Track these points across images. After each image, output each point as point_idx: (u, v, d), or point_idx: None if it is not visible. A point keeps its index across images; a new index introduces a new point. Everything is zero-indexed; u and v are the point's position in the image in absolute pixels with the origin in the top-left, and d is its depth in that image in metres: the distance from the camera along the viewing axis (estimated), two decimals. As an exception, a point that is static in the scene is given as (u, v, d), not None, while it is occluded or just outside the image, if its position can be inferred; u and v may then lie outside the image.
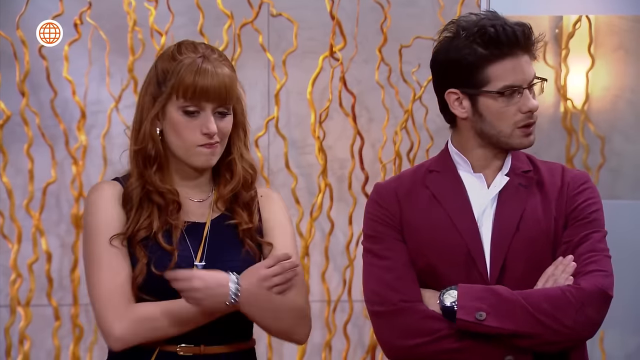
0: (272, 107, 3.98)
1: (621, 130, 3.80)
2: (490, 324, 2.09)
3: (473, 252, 2.17)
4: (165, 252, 2.15)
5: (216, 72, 2.16)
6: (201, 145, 2.17)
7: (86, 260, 2.17)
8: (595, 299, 2.10)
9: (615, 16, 3.77)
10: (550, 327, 2.08)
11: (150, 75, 2.21)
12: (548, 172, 2.23)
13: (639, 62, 3.81)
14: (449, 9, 3.90)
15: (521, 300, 2.09)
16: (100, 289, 2.12)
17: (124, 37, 3.88)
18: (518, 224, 2.17)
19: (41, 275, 3.89)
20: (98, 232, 2.14)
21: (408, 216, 2.23)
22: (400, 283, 2.18)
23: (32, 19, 3.81)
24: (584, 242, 2.15)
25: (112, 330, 2.10)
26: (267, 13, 3.94)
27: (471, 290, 2.12)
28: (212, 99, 2.16)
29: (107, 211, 2.16)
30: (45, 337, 3.95)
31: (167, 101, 2.17)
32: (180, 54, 2.18)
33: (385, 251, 2.22)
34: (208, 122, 2.16)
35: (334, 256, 4.01)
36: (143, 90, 2.22)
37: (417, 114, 3.92)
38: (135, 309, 2.12)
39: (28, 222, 3.87)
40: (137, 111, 2.21)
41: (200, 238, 2.19)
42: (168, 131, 2.19)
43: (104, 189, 2.19)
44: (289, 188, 3.94)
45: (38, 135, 3.87)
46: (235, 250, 2.21)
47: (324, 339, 3.97)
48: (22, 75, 3.83)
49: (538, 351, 2.11)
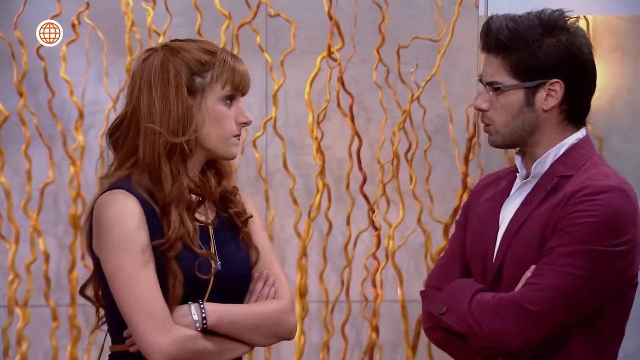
0: (270, 107, 3.98)
1: (619, 130, 3.80)
2: (446, 319, 2.16)
3: (488, 248, 2.22)
4: (196, 258, 2.12)
5: (244, 63, 2.21)
6: (236, 135, 2.18)
7: (117, 275, 2.09)
8: (509, 309, 2.08)
9: (613, 16, 3.77)
10: (473, 330, 2.11)
11: (170, 66, 2.14)
12: (579, 179, 2.17)
13: (636, 63, 3.81)
14: (447, 9, 3.90)
15: (467, 301, 2.13)
16: (144, 303, 2.07)
17: (121, 38, 3.88)
18: (519, 227, 2.17)
19: (39, 275, 3.88)
20: (129, 245, 2.08)
21: (474, 205, 2.32)
22: (439, 268, 2.31)
23: (30, 19, 3.81)
24: (547, 254, 2.11)
25: (163, 345, 2.06)
26: (265, 13, 3.94)
27: (456, 285, 2.20)
28: (246, 89, 2.20)
29: (134, 223, 2.09)
30: (43, 337, 3.95)
31: (208, 92, 2.15)
32: (207, 45, 2.18)
33: (452, 236, 2.37)
34: (244, 111, 2.19)
35: (332, 256, 4.01)
36: (160, 81, 2.13)
37: (415, 115, 3.92)
38: (179, 327, 2.10)
39: (26, 223, 3.87)
40: (160, 103, 2.11)
41: (207, 239, 2.18)
42: (205, 122, 2.15)
43: (123, 202, 2.10)
44: (287, 188, 3.94)
45: (36, 136, 3.87)
46: (240, 251, 2.21)
47: (321, 339, 3.97)
48: (19, 76, 3.83)
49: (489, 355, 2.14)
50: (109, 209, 2.10)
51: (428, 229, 3.92)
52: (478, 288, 2.17)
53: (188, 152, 2.12)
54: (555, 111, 2.19)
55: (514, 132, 2.19)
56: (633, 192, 2.15)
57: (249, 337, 2.16)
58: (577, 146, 2.21)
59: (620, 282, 2.14)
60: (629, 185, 2.15)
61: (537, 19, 2.16)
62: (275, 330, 2.19)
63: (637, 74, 3.80)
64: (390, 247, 3.92)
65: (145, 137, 2.12)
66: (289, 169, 3.93)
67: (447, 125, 3.98)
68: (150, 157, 2.12)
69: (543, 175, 2.20)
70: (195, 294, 2.12)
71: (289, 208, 3.97)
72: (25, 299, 3.85)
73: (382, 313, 3.95)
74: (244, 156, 3.98)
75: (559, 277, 2.08)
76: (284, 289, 2.22)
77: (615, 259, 2.10)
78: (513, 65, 2.17)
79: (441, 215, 3.95)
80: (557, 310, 2.08)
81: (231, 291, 2.18)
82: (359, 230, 3.95)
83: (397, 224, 3.93)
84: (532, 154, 2.22)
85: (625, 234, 2.10)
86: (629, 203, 2.12)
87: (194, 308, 2.10)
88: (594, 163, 2.19)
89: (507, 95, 2.18)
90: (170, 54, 2.15)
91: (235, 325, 2.13)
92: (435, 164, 3.96)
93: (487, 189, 2.33)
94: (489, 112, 2.21)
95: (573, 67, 2.17)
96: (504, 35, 2.16)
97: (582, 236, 2.09)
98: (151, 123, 2.11)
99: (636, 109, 3.78)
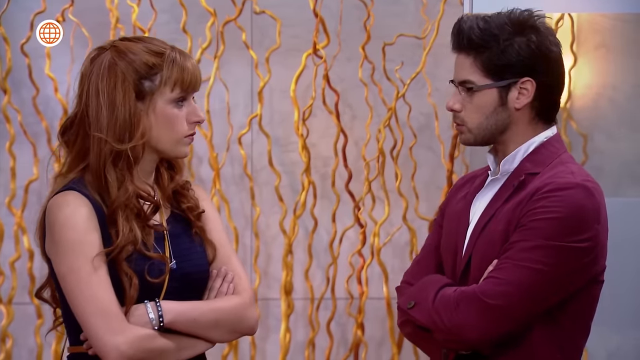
0: (256, 104, 3.97)
1: (603, 128, 3.82)
2: (413, 313, 2.18)
3: (458, 244, 2.24)
4: (150, 260, 2.11)
5: (192, 60, 2.17)
6: (188, 135, 2.16)
7: (69, 276, 2.07)
8: (468, 301, 2.10)
9: (598, 14, 3.78)
10: (436, 324, 2.13)
11: (117, 69, 2.11)
12: (544, 176, 2.18)
13: (621, 60, 3.82)
14: (432, 7, 3.91)
15: (432, 295, 2.16)
16: (97, 304, 2.05)
17: (106, 35, 3.86)
18: (486, 224, 2.19)
19: (23, 273, 3.87)
20: (81, 248, 2.07)
21: (450, 203, 2.35)
22: (414, 264, 2.34)
23: (14, 17, 3.80)
24: (508, 250, 2.12)
25: (118, 345, 2.04)
26: (251, 10, 3.93)
27: (425, 280, 2.23)
28: (198, 85, 2.17)
29: (86, 226, 2.08)
30: (28, 335, 3.94)
31: (157, 95, 2.13)
32: (154, 46, 2.14)
33: (429, 234, 2.40)
34: (196, 110, 2.17)
35: (317, 254, 4.01)
36: (107, 85, 2.11)
37: (400, 112, 3.92)
38: (134, 327, 2.08)
39: (10, 220, 3.86)
40: (107, 108, 2.10)
41: (161, 238, 2.16)
42: (154, 125, 2.13)
43: (76, 204, 2.09)
44: (273, 186, 3.94)
45: (20, 133, 3.86)
46: (195, 247, 2.20)
47: (307, 337, 3.97)
48: (4, 73, 3.81)
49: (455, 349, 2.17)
50: (61, 211, 2.09)
51: (413, 226, 3.93)
52: (444, 283, 2.19)
53: (133, 159, 2.11)
54: (527, 109, 2.21)
55: (486, 131, 2.21)
56: (598, 190, 2.16)
57: (208, 333, 2.15)
58: (546, 144, 2.22)
59: (582, 279, 2.14)
60: (595, 183, 2.16)
61: (507, 18, 2.18)
62: (236, 326, 2.18)
63: (621, 72, 3.81)
64: (376, 245, 3.93)
65: (92, 144, 2.11)
66: (274, 166, 3.93)
67: (432, 123, 3.98)
68: (96, 163, 2.11)
69: (511, 172, 2.22)
70: (152, 293, 2.11)
71: (274, 205, 3.97)
72: (9, 297, 3.83)
73: (368, 310, 3.96)
74: (229, 153, 3.97)
75: (519, 272, 2.09)
76: (243, 284, 2.21)
77: (577, 255, 2.11)
78: (485, 65, 2.18)
79: (427, 212, 3.95)
80: (516, 305, 2.09)
81: (189, 288, 2.17)
82: (344, 227, 3.95)
83: (382, 222, 3.93)
84: (503, 151, 2.24)
85: (586, 230, 2.11)
86: (591, 200, 2.13)
87: (150, 306, 2.09)
88: (561, 161, 2.20)
89: (480, 95, 2.20)
90: (117, 57, 2.12)
91: (194, 323, 2.12)
92: (420, 162, 3.97)
93: (463, 188, 2.35)
94: (461, 113, 2.22)
95: (544, 65, 2.19)
96: (475, 35, 2.17)
97: (543, 231, 2.10)
98: (98, 130, 2.10)
99: (620, 107, 3.79)
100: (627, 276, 3.41)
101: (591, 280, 2.17)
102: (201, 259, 2.20)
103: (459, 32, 2.20)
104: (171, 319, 2.09)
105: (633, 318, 3.49)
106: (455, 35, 2.21)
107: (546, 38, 2.19)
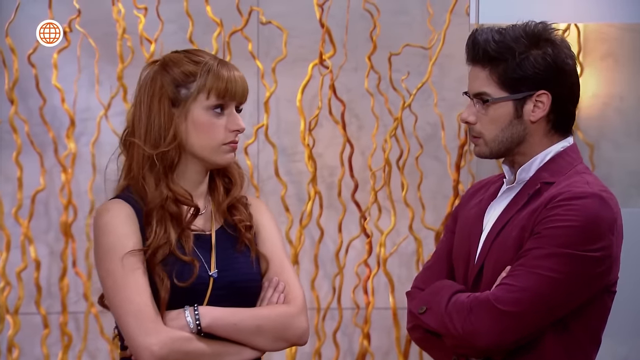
0: (262, 114, 3.98)
1: (610, 137, 3.81)
2: (424, 319, 2.18)
3: (471, 250, 2.24)
4: (184, 264, 2.15)
5: (236, 71, 2.21)
6: (226, 143, 2.20)
7: (106, 279, 2.13)
8: (481, 308, 2.10)
9: (604, 24, 3.78)
10: (448, 330, 2.13)
11: (158, 79, 2.19)
12: (560, 185, 2.18)
13: (627, 70, 3.82)
14: (438, 17, 3.91)
15: (444, 301, 2.15)
16: (131, 305, 2.10)
17: (113, 45, 3.88)
18: (500, 231, 2.19)
19: (30, 283, 3.88)
20: (116, 251, 2.12)
21: (463, 209, 2.34)
22: (425, 270, 2.34)
23: (21, 27, 3.81)
24: (522, 257, 2.12)
25: (150, 345, 2.08)
26: (257, 21, 3.94)
27: (436, 285, 2.23)
28: (238, 97, 2.20)
29: (124, 230, 2.14)
30: (34, 345, 3.94)
31: (192, 102, 2.17)
32: (195, 56, 2.20)
33: (440, 239, 2.39)
34: (236, 119, 2.20)
35: (323, 264, 4.01)
36: (147, 95, 2.19)
37: (406, 122, 3.92)
38: (169, 329, 2.11)
39: (17, 230, 3.86)
40: (145, 116, 2.18)
41: (208, 247, 2.20)
42: (190, 132, 2.18)
43: (116, 209, 2.16)
44: (279, 196, 3.94)
45: (27, 143, 3.87)
46: (243, 257, 2.23)
47: (313, 347, 3.96)
48: (11, 83, 3.82)
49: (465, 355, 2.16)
50: (101, 218, 2.17)
51: (420, 236, 3.92)
52: (457, 289, 2.19)
53: (169, 163, 2.17)
54: (543, 122, 2.21)
55: (502, 144, 2.21)
56: (613, 200, 2.16)
57: (251, 340, 2.17)
58: (562, 154, 2.22)
59: (595, 288, 2.14)
60: (610, 194, 2.16)
61: (522, 31, 2.18)
62: (281, 334, 2.20)
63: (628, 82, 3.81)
64: (382, 254, 3.92)
65: (133, 151, 2.20)
66: (280, 176, 3.93)
67: (438, 133, 3.98)
68: (136, 168, 2.19)
69: (527, 181, 2.22)
70: (195, 300, 2.14)
71: (280, 215, 3.97)
72: (16, 307, 3.84)
73: (374, 320, 3.95)
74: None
75: (532, 279, 2.09)
76: (295, 294, 2.23)
77: (590, 264, 2.11)
78: (501, 77, 2.18)
79: (433, 222, 3.95)
80: (528, 312, 2.09)
81: (236, 298, 2.19)
82: (350, 237, 3.95)
83: (388, 231, 3.93)
84: (519, 161, 2.24)
85: (600, 240, 2.11)
86: (606, 210, 2.13)
87: (188, 311, 2.13)
88: (577, 171, 2.20)
89: (495, 107, 2.20)
90: (161, 68, 2.20)
91: (234, 328, 2.14)
92: (426, 171, 3.97)
93: (477, 194, 2.35)
94: (477, 125, 2.22)
95: (559, 78, 2.19)
96: (491, 47, 2.17)
97: (557, 240, 2.10)
98: (137, 137, 2.18)
99: (627, 117, 3.79)
100: (634, 286, 3.40)
101: (603, 290, 2.17)
102: (247, 269, 2.22)
103: (474, 44, 2.20)
104: (209, 322, 2.12)
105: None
106: (470, 48, 2.21)
107: (562, 51, 2.19)
